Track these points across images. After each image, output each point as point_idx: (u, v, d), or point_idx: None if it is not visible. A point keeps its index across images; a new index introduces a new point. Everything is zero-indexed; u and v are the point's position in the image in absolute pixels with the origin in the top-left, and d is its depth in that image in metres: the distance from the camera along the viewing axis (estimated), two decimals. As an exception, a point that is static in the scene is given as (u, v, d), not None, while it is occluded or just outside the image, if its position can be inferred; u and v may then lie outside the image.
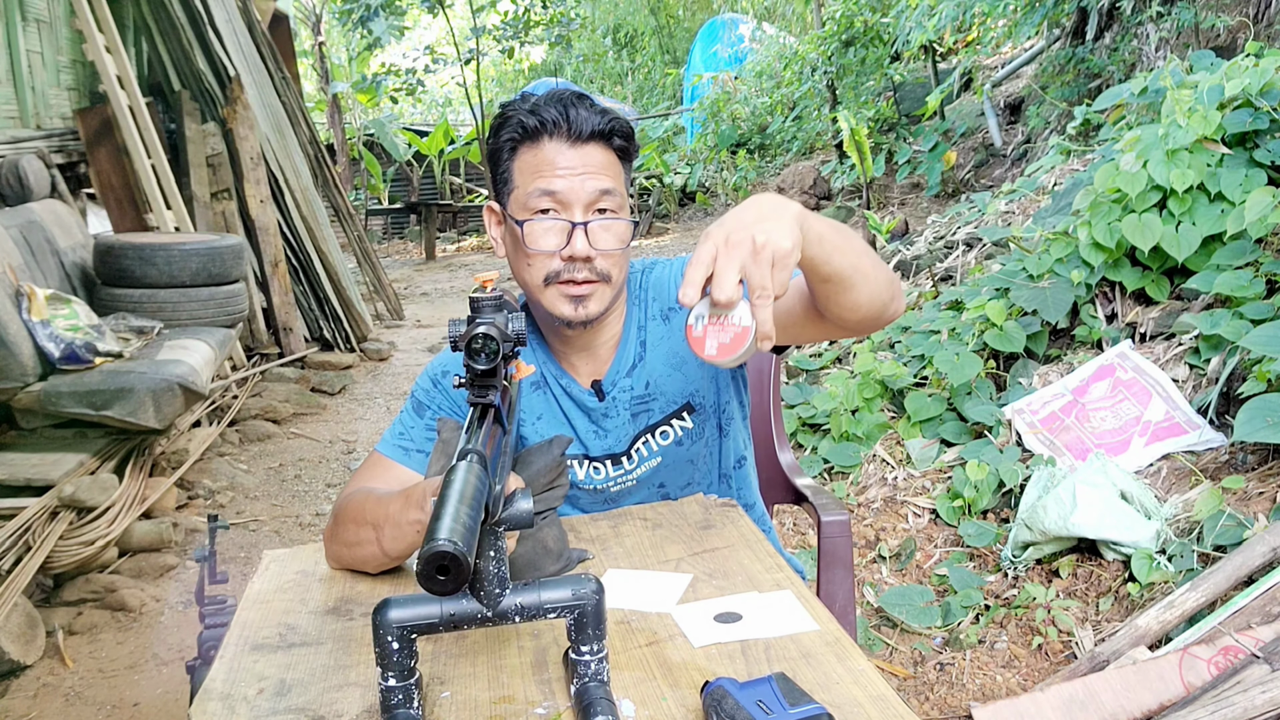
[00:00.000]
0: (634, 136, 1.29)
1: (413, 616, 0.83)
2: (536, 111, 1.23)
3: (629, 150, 1.29)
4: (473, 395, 0.90)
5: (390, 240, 12.38)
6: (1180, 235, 2.94)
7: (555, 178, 1.22)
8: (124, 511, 3.06)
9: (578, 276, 1.24)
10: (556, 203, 1.23)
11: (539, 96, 1.25)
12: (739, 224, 0.96)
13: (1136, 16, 5.45)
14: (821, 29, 9.86)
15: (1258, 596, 1.93)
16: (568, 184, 1.22)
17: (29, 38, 4.43)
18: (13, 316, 3.17)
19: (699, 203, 11.77)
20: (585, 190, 1.22)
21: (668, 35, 16.42)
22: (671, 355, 1.37)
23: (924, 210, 8.68)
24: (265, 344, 5.36)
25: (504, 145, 1.26)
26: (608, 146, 1.26)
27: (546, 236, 1.24)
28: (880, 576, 2.70)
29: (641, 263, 1.43)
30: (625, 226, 1.26)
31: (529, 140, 1.24)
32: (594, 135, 1.24)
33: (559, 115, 1.22)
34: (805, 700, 0.84)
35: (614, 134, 1.25)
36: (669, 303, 1.37)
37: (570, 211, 1.23)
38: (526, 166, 1.24)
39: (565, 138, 1.23)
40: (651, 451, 1.38)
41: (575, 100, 1.24)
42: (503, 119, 1.26)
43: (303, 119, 6.48)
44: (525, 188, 1.24)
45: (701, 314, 0.98)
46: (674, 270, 1.39)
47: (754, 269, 0.94)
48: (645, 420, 1.36)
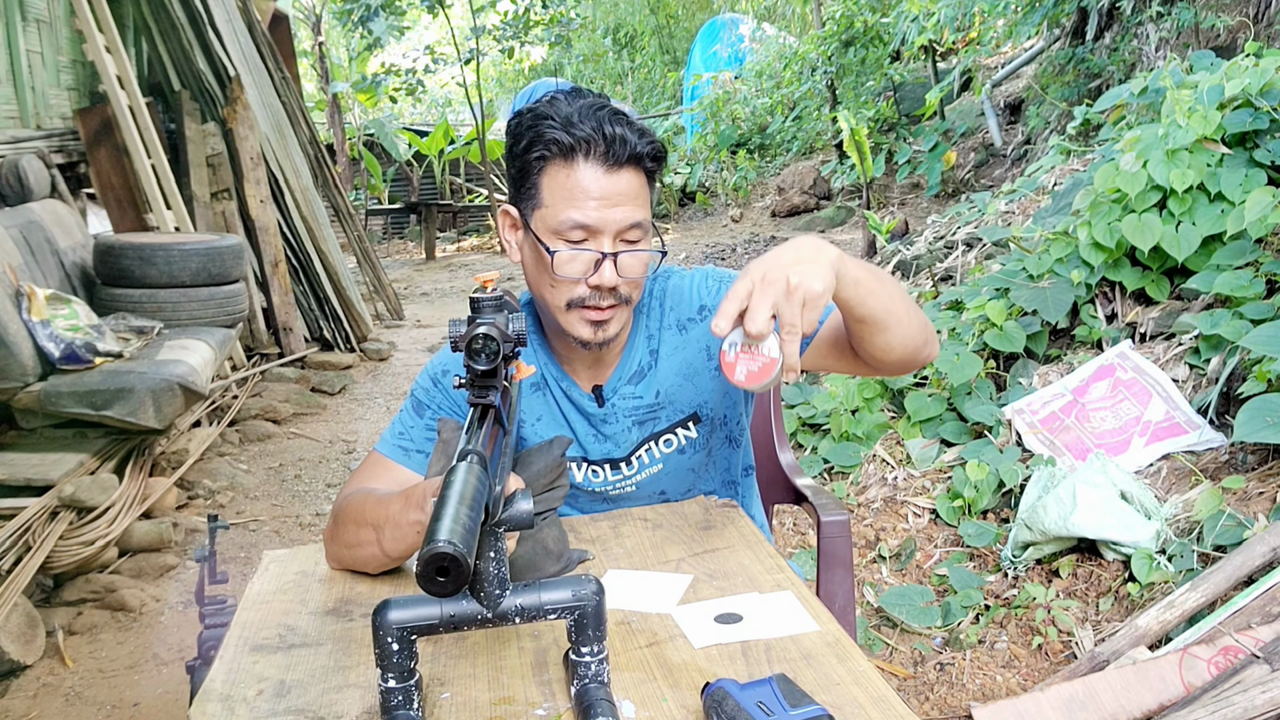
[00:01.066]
0: (666, 156, 1.25)
1: (413, 617, 0.83)
2: (571, 128, 1.17)
3: (659, 171, 1.25)
4: (473, 396, 0.90)
5: (390, 240, 12.38)
6: (1180, 235, 2.94)
7: (589, 209, 1.18)
8: (124, 511, 3.06)
9: (602, 304, 1.22)
10: (588, 233, 1.20)
11: (572, 108, 1.19)
12: (777, 264, 1.02)
13: (1136, 16, 5.45)
14: (821, 29, 9.86)
15: (1258, 596, 1.93)
16: (601, 216, 1.18)
17: (29, 38, 4.43)
18: (13, 316, 3.17)
19: (699, 203, 11.77)
20: (616, 221, 1.19)
21: (668, 35, 16.41)
22: (685, 365, 1.36)
23: (924, 210, 8.68)
24: (265, 344, 5.36)
25: (533, 159, 1.20)
26: (640, 170, 1.21)
27: (574, 265, 1.20)
28: (880, 576, 2.70)
29: (653, 268, 1.43)
30: (653, 256, 1.25)
31: (561, 158, 1.19)
32: (631, 158, 1.19)
33: (594, 134, 1.17)
34: (806, 701, 0.84)
35: (650, 157, 1.21)
36: (687, 314, 1.36)
37: (600, 241, 1.20)
38: (558, 187, 1.19)
39: (601, 161, 1.18)
40: (653, 459, 1.38)
41: (612, 118, 1.18)
42: (534, 131, 1.19)
43: (303, 119, 6.48)
44: (557, 213, 1.19)
45: (735, 342, 1.06)
46: (693, 282, 1.37)
47: (786, 307, 1.01)
48: (651, 427, 1.36)
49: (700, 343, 1.36)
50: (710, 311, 1.35)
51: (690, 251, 9.57)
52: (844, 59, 9.65)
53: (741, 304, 1.02)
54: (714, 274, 1.39)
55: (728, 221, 11.13)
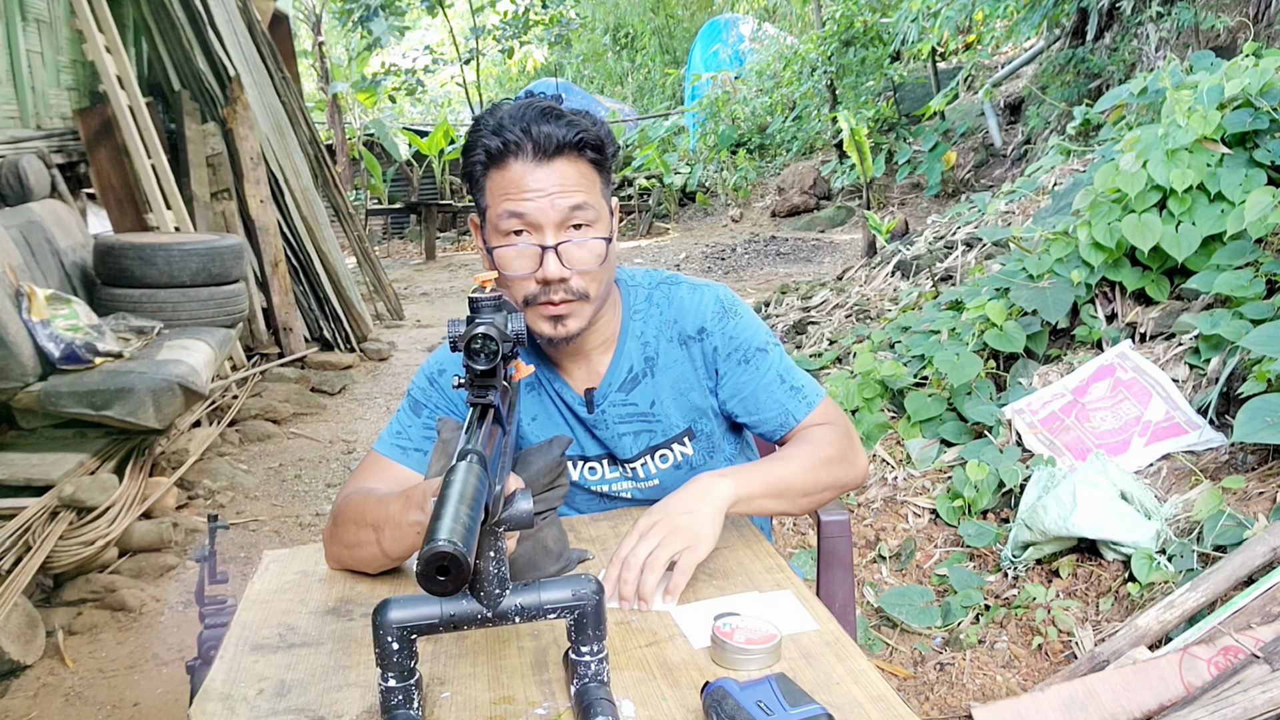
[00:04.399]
0: (606, 145, 1.23)
1: (413, 617, 0.83)
2: (500, 132, 1.19)
3: (603, 159, 1.24)
4: (472, 395, 0.90)
5: (390, 240, 12.38)
6: (1180, 235, 2.94)
7: (523, 200, 1.18)
8: (124, 511, 3.06)
9: (555, 298, 1.22)
10: (526, 225, 1.20)
11: (504, 112, 1.21)
12: (664, 513, 1.15)
13: (1136, 16, 5.46)
14: (821, 29, 9.86)
15: (1258, 596, 1.93)
16: (535, 205, 1.18)
17: (29, 38, 4.43)
18: (13, 316, 3.17)
19: (699, 203, 11.77)
20: (555, 210, 1.19)
21: (668, 35, 16.42)
22: (679, 380, 1.36)
23: (924, 210, 8.68)
24: (265, 344, 5.36)
25: (475, 167, 1.22)
26: (579, 158, 1.21)
27: (519, 261, 1.21)
28: (880, 576, 2.70)
29: (660, 275, 1.40)
30: (600, 244, 1.23)
31: (495, 162, 1.20)
32: (561, 149, 1.19)
33: (521, 134, 1.18)
34: (805, 701, 0.84)
35: (584, 145, 1.20)
36: (689, 330, 1.35)
37: (541, 234, 1.20)
38: (496, 188, 1.21)
39: (531, 157, 1.18)
40: (649, 473, 1.38)
41: (539, 116, 1.19)
42: (471, 140, 1.22)
43: (303, 119, 6.48)
44: (495, 208, 1.21)
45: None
46: (701, 299, 1.36)
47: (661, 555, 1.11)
48: (647, 440, 1.36)
49: (696, 360, 1.35)
50: (708, 335, 1.34)
51: (690, 251, 9.57)
52: (844, 59, 9.66)
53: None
54: (723, 299, 1.37)
55: (728, 221, 11.13)
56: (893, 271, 5.00)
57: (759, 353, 1.35)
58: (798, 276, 7.65)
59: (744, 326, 1.35)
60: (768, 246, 9.39)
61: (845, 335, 4.28)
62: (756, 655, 0.95)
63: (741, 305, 1.38)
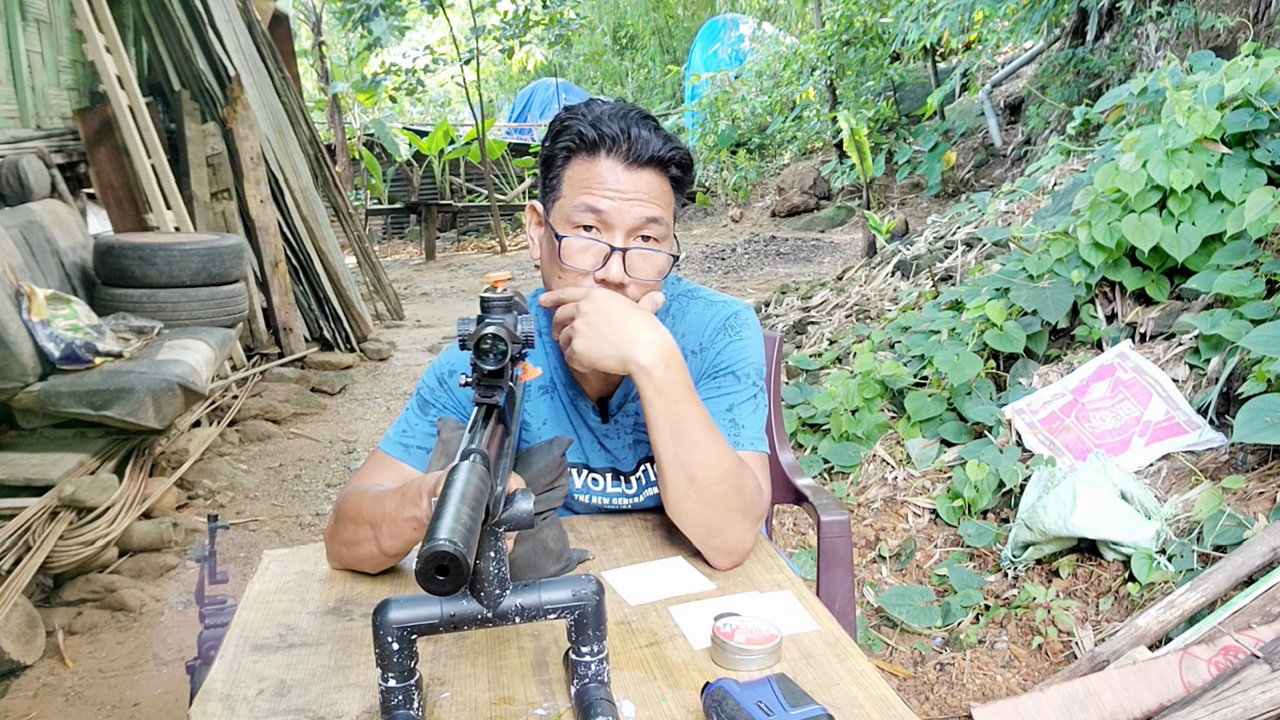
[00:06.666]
0: (692, 167, 1.25)
1: (413, 617, 0.83)
2: (598, 125, 1.19)
3: (684, 180, 1.25)
4: (478, 395, 0.90)
5: (390, 240, 12.38)
6: (1180, 235, 2.94)
7: (604, 197, 1.18)
8: (124, 511, 3.06)
9: None
10: (600, 222, 1.19)
11: (604, 108, 1.22)
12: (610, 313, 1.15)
13: (1136, 17, 5.46)
14: (821, 29, 9.86)
15: (1258, 596, 1.93)
16: (615, 206, 1.18)
17: (29, 38, 4.43)
18: (13, 316, 3.17)
19: (699, 203, 11.77)
20: (631, 215, 1.19)
21: (668, 35, 16.44)
22: None
23: (924, 210, 8.69)
24: (265, 344, 5.36)
25: (559, 152, 1.22)
26: (663, 174, 1.22)
27: (584, 255, 1.20)
28: (880, 576, 2.70)
29: (683, 285, 1.37)
30: (665, 260, 1.22)
31: (585, 152, 1.20)
32: (652, 160, 1.20)
33: (620, 132, 1.19)
34: (806, 701, 0.84)
35: (673, 162, 1.21)
36: (693, 345, 1.32)
37: (612, 234, 1.19)
38: (577, 178, 1.21)
39: (622, 158, 1.19)
40: (650, 480, 1.36)
41: (639, 120, 1.20)
42: (562, 125, 1.22)
43: (303, 119, 6.48)
44: (571, 199, 1.20)
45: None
46: (712, 315, 1.32)
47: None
48: (645, 449, 1.34)
49: (695, 375, 1.31)
50: (704, 350, 1.31)
51: (690, 251, 9.57)
52: (844, 59, 9.66)
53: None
54: (730, 320, 1.32)
55: (728, 221, 11.13)
56: (893, 271, 5.00)
57: (728, 376, 1.30)
58: (798, 276, 7.65)
59: (735, 350, 1.31)
60: (768, 246, 9.39)
61: (845, 335, 4.29)
62: (757, 655, 0.95)
63: (749, 332, 1.33)
